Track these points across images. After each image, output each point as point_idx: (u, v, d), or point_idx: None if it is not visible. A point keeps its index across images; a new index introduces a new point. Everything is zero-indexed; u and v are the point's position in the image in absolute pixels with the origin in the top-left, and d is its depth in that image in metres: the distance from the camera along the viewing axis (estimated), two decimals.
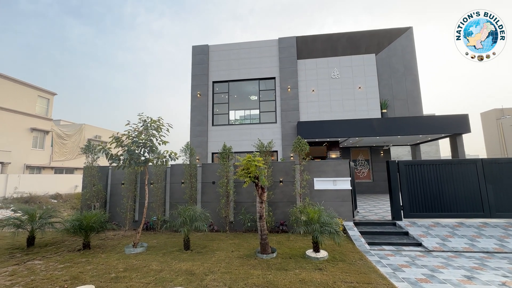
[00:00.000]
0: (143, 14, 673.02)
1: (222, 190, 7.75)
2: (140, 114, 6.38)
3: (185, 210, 5.81)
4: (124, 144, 6.09)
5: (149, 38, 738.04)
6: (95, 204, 8.48)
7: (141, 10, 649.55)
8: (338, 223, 5.23)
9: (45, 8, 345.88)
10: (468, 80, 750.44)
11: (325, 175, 7.79)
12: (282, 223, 7.46)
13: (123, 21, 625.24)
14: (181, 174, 8.39)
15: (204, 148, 13.75)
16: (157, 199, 8.11)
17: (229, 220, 7.78)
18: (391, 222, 7.36)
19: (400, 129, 11.87)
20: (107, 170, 8.92)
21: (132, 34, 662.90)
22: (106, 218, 7.95)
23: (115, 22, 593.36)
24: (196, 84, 14.51)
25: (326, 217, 5.19)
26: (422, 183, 7.46)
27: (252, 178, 5.32)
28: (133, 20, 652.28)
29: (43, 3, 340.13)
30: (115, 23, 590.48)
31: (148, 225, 7.94)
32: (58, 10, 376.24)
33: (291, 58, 13.93)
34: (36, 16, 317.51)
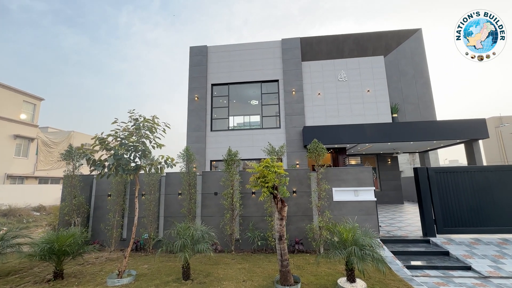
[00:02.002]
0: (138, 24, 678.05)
1: (227, 202, 6.63)
2: (131, 112, 5.31)
3: (185, 229, 4.66)
4: (110, 147, 4.97)
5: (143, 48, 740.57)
6: (76, 220, 7.22)
7: (136, 21, 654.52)
8: (379, 245, 4.18)
9: (39, 17, 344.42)
10: (467, 85, 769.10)
11: (345, 184, 6.78)
12: (297, 241, 6.35)
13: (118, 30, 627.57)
14: (178, 183, 7.26)
15: (202, 155, 12.63)
16: (149, 213, 6.92)
17: (235, 238, 6.63)
18: (424, 239, 6.34)
19: (413, 134, 11.06)
20: (91, 180, 7.71)
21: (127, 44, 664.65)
22: (86, 237, 6.77)
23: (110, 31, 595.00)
24: (194, 87, 13.52)
25: (362, 237, 4.14)
26: (456, 193, 6.52)
27: (270, 188, 4.26)
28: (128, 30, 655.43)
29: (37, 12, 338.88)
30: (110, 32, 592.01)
31: (138, 244, 6.71)
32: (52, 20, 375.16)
33: (295, 60, 13.14)
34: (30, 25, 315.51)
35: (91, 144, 4.96)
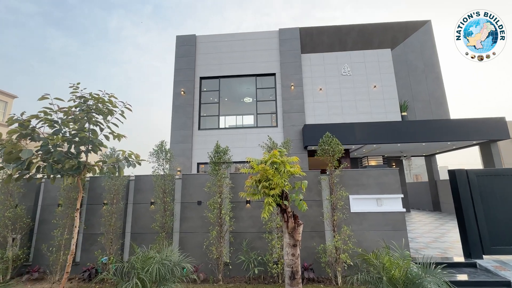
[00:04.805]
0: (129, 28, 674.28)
1: (213, 215, 5.02)
2: (75, 86, 3.70)
3: (144, 260, 3.03)
4: (37, 134, 3.34)
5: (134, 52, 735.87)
6: (15, 237, 5.44)
7: (127, 24, 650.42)
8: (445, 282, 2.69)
9: (26, 19, 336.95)
10: (484, 82, 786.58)
11: (365, 191, 5.31)
12: (306, 266, 4.79)
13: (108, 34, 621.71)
14: (151, 190, 5.61)
15: (188, 157, 10.98)
16: (110, 229, 5.22)
17: (223, 262, 5.01)
18: (469, 262, 4.91)
19: (426, 134, 9.79)
20: (37, 185, 5.95)
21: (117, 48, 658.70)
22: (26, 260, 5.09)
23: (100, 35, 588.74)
24: (180, 80, 11.93)
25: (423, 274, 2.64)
26: (505, 202, 5.15)
27: (277, 197, 2.74)
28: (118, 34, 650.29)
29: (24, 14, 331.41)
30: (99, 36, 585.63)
31: (92, 272, 4.98)
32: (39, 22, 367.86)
33: (294, 52, 11.79)
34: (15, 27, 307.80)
35: (8, 131, 3.30)
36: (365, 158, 9.23)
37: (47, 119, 3.38)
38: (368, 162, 8.56)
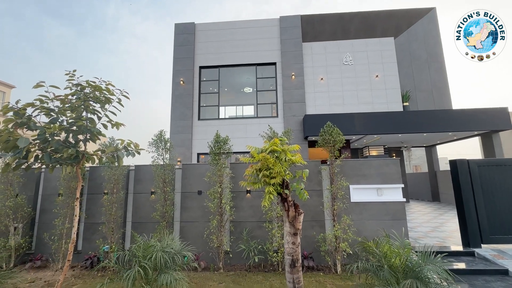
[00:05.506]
0: (127, 17, 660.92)
1: (214, 204, 5.03)
2: (71, 74, 3.61)
3: (145, 248, 3.04)
4: (34, 123, 3.29)
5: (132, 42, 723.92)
6: (16, 226, 5.48)
7: (124, 12, 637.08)
8: (445, 270, 2.70)
9: (21, 8, 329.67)
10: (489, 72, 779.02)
11: (366, 181, 5.30)
12: (306, 255, 4.84)
13: (105, 23, 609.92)
14: (151, 179, 5.60)
15: (188, 148, 10.95)
16: (111, 218, 5.25)
17: (224, 251, 5.05)
18: (467, 251, 4.96)
19: (428, 125, 9.71)
20: (37, 174, 5.94)
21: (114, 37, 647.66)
22: (28, 249, 5.16)
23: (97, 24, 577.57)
24: (179, 70, 11.75)
25: (423, 262, 2.65)
26: (506, 192, 5.15)
27: (278, 186, 2.71)
28: (115, 23, 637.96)
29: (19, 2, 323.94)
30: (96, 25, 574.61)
31: (94, 260, 5.04)
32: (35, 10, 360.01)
33: (295, 40, 11.55)
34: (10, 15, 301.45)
35: (3, 120, 3.25)
36: (366, 148, 9.17)
37: (43, 107, 3.32)
38: (369, 152, 8.52)
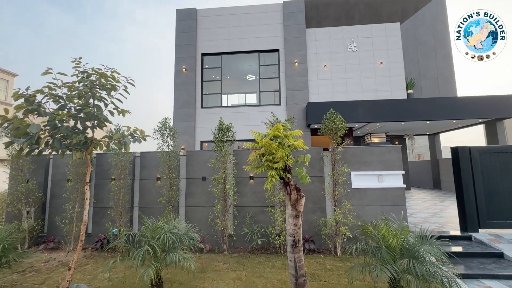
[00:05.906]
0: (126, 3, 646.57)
1: (218, 190, 5.18)
2: (77, 61, 3.66)
3: (154, 229, 3.20)
4: (43, 109, 3.38)
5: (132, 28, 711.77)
6: (29, 210, 5.71)
7: None
8: (441, 252, 2.83)
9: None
10: None
11: (367, 168, 5.39)
12: (307, 238, 5.02)
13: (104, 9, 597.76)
14: (156, 166, 5.75)
15: (191, 135, 11.06)
16: (119, 202, 5.44)
17: (228, 234, 5.25)
18: (465, 236, 5.09)
19: (431, 112, 9.65)
20: (46, 161, 6.11)
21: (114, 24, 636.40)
22: (40, 232, 5.38)
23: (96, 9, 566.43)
24: (181, 57, 11.66)
25: (419, 244, 2.77)
26: (506, 179, 5.22)
27: (280, 171, 2.81)
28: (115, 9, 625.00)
29: None
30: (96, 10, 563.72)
31: (104, 242, 5.27)
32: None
33: (298, 26, 11.34)
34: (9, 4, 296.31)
35: (14, 107, 3.34)
36: (368, 135, 9.20)
37: (52, 94, 3.39)
38: (371, 139, 8.56)
